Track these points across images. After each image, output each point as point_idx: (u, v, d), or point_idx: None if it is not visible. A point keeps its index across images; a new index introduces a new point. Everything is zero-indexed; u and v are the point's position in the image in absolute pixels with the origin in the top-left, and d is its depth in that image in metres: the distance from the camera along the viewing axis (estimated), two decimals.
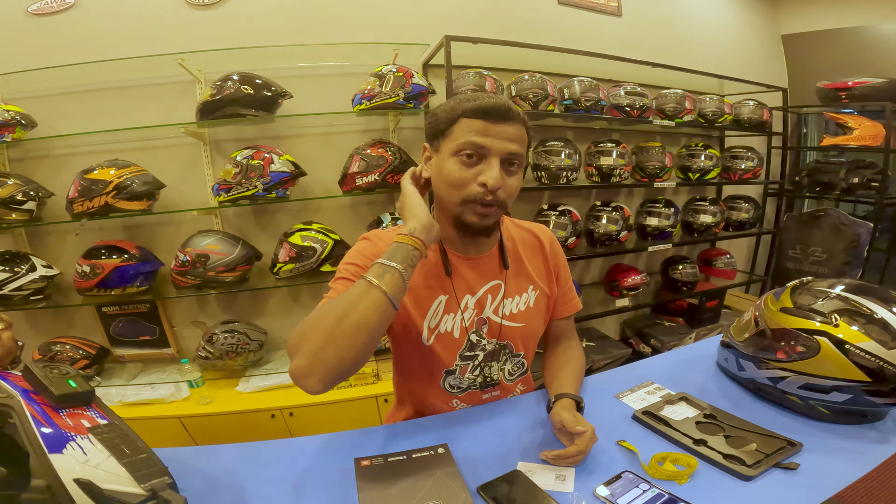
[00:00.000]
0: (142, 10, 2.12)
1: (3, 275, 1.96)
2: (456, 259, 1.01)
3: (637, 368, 1.18)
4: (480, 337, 1.02)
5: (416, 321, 0.98)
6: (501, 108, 0.85)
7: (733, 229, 3.01)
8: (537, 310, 1.08)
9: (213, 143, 2.24)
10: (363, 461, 0.79)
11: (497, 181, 0.85)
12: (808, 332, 0.90)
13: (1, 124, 1.93)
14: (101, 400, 0.71)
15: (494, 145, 0.85)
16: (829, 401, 0.88)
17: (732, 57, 3.20)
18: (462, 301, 1.00)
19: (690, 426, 0.89)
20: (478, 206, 0.88)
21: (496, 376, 1.06)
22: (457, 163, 0.87)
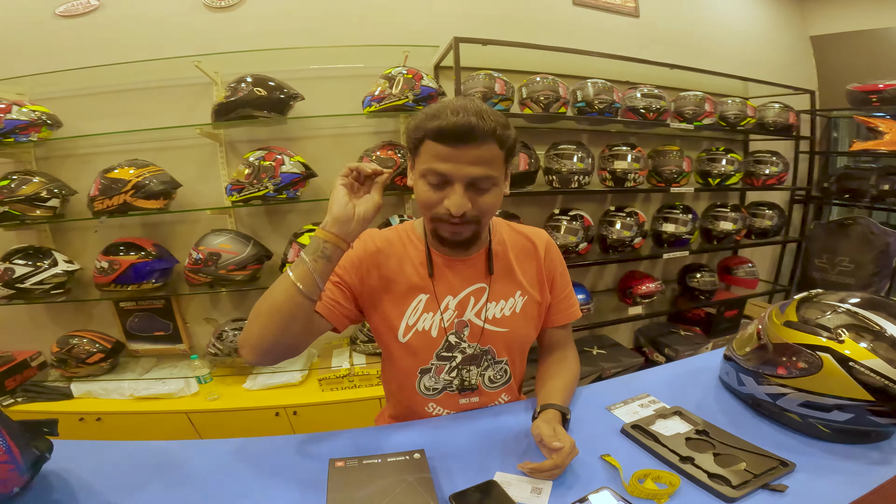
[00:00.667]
0: (161, 13, 2.18)
1: (26, 269, 2.03)
2: (440, 259, 1.02)
3: (634, 380, 1.15)
4: (460, 339, 1.01)
5: (394, 318, 0.99)
6: (463, 130, 0.80)
7: (756, 237, 2.91)
8: (524, 316, 1.05)
9: (229, 144, 2.29)
10: (338, 462, 0.79)
11: (459, 208, 0.84)
12: (811, 347, 0.87)
13: (28, 124, 2.00)
14: None
15: (457, 172, 0.83)
16: (829, 420, 0.84)
17: (758, 59, 3.09)
18: (443, 301, 1.00)
19: (680, 442, 0.85)
20: (447, 224, 0.89)
21: (475, 381, 1.04)
22: (424, 185, 0.88)
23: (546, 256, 1.09)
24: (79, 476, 0.82)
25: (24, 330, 2.33)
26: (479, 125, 0.80)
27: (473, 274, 1.02)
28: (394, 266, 1.01)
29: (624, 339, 2.97)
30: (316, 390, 2.07)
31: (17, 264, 2.03)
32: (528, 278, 1.06)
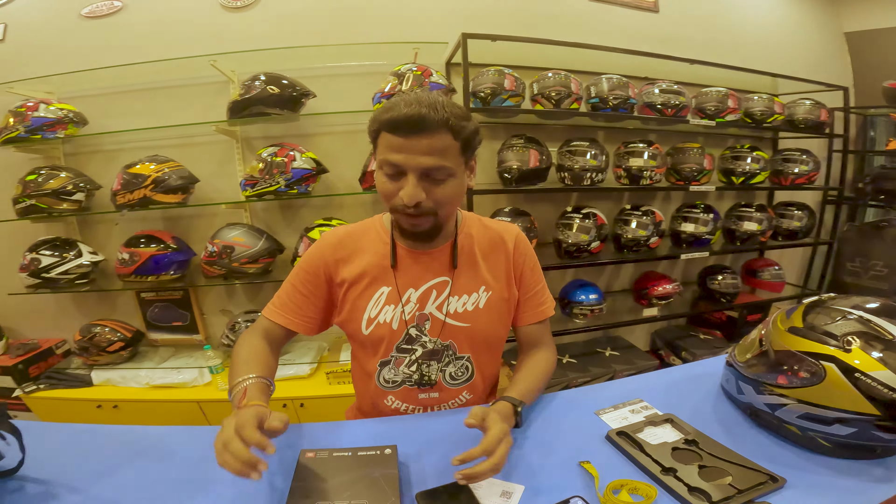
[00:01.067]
0: (180, 14, 2.24)
1: (52, 259, 2.13)
2: (404, 252, 1.02)
3: (630, 383, 1.11)
4: (421, 332, 1.01)
5: (358, 310, 1.01)
6: (414, 120, 0.80)
7: (783, 238, 2.78)
8: (488, 312, 1.03)
9: (244, 141, 2.33)
10: (308, 452, 0.80)
11: (412, 198, 0.84)
12: (814, 356, 0.81)
13: (55, 122, 2.09)
14: None
15: (409, 162, 0.83)
16: (830, 433, 0.79)
17: (788, 55, 2.96)
18: (404, 294, 1.00)
19: (665, 452, 0.82)
20: (405, 216, 0.89)
21: (434, 377, 1.03)
22: (381, 176, 0.89)
23: (515, 251, 1.07)
24: (59, 459, 0.85)
25: (50, 319, 2.43)
26: (430, 115, 0.81)
27: (437, 267, 1.02)
28: (356, 258, 1.02)
29: (640, 342, 2.90)
30: (323, 383, 2.10)
31: (44, 255, 2.12)
32: (494, 274, 1.05)
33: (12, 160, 2.26)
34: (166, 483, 0.79)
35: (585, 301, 2.36)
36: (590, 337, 2.76)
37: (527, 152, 2.12)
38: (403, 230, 0.95)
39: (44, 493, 0.77)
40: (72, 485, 0.79)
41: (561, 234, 2.26)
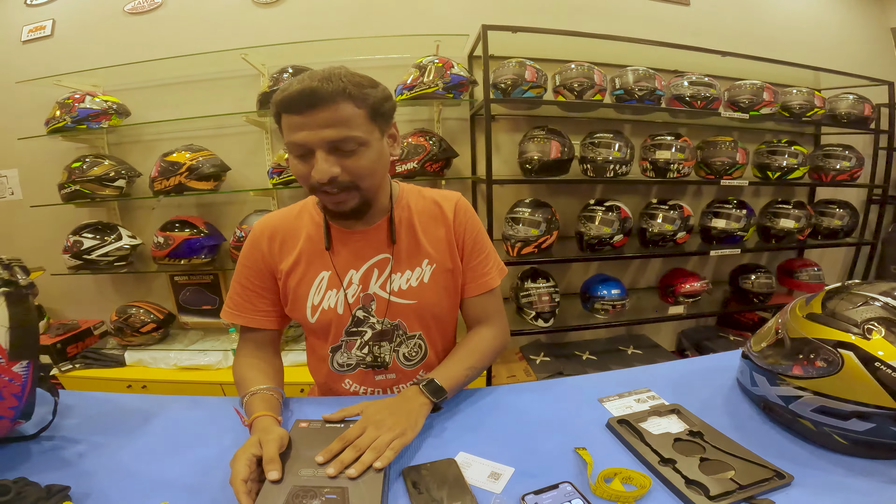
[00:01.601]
0: (214, 9, 2.35)
1: (94, 242, 2.25)
2: (339, 233, 0.98)
3: (639, 373, 1.08)
4: (368, 314, 0.99)
5: (300, 299, 0.98)
6: (307, 94, 0.77)
7: (823, 237, 2.65)
8: (433, 286, 1.00)
9: (273, 131, 2.41)
10: (302, 423, 0.80)
11: (323, 174, 0.81)
12: (832, 343, 0.76)
13: (100, 113, 2.21)
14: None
15: (311, 138, 0.80)
16: (846, 429, 0.73)
17: (831, 49, 2.82)
18: (346, 277, 0.97)
19: (666, 442, 0.78)
20: (326, 196, 0.86)
21: (388, 358, 1.00)
22: (293, 159, 0.85)
23: (455, 219, 1.02)
24: (71, 419, 0.91)
25: (89, 300, 2.58)
26: (322, 87, 0.77)
27: (376, 244, 0.98)
28: (291, 244, 0.99)
29: (665, 341, 2.82)
30: None
31: (86, 237, 2.25)
32: (435, 245, 1.01)
33: (59, 148, 2.41)
34: (161, 445, 0.83)
35: (607, 296, 2.31)
36: (612, 334, 2.70)
37: (548, 143, 2.09)
38: (331, 212, 0.91)
39: (70, 453, 0.81)
40: (93, 443, 0.84)
41: (583, 226, 2.23)
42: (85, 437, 0.85)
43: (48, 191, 2.32)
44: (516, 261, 2.16)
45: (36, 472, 0.73)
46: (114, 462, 0.78)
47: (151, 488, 0.71)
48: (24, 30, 2.43)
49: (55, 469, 0.76)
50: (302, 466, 0.69)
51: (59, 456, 0.79)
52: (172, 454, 0.80)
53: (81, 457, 0.79)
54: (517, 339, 2.60)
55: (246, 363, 0.98)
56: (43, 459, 0.78)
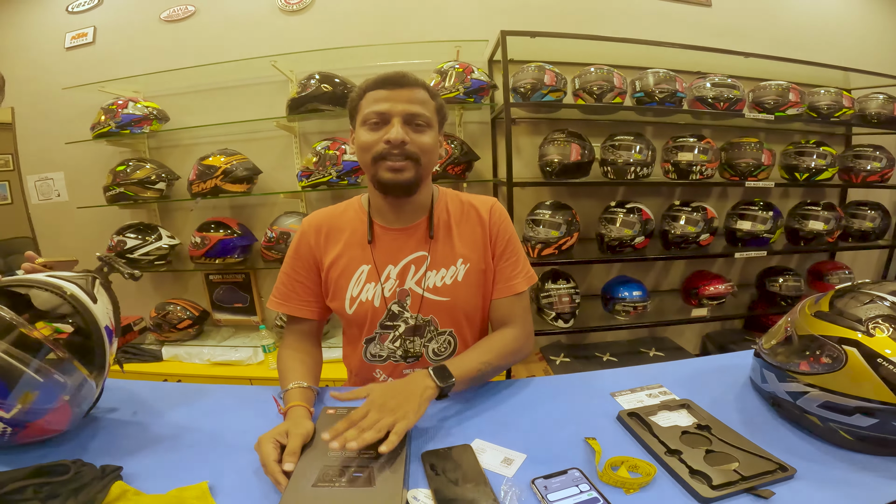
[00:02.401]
0: (245, 16, 2.46)
1: (136, 241, 2.39)
2: (381, 230, 1.05)
3: (652, 370, 1.10)
4: (403, 308, 1.04)
5: (340, 290, 1.04)
6: (396, 76, 0.95)
7: (854, 240, 2.59)
8: (467, 284, 1.05)
9: (302, 136, 2.51)
10: (329, 409, 0.87)
11: (398, 135, 0.91)
12: (836, 339, 0.78)
13: (141, 118, 2.35)
14: None
15: (393, 108, 0.93)
16: (851, 424, 0.75)
17: (860, 49, 2.75)
18: (384, 271, 1.03)
19: (674, 435, 0.81)
20: (387, 161, 0.93)
21: (419, 351, 1.06)
22: (366, 130, 0.95)
23: (490, 221, 1.08)
24: (120, 405, 0.99)
25: (130, 297, 2.71)
26: (409, 74, 0.96)
27: (414, 241, 1.05)
28: (336, 238, 1.06)
29: (689, 344, 2.79)
30: None
31: (129, 237, 2.39)
32: (471, 246, 1.06)
33: (102, 152, 2.56)
34: (203, 430, 0.90)
35: (628, 298, 2.31)
36: (633, 336, 2.70)
37: (568, 146, 2.12)
38: (384, 185, 0.96)
39: (120, 436, 0.89)
40: (140, 427, 0.93)
41: (603, 228, 2.24)
42: (133, 421, 0.93)
43: (92, 192, 2.47)
44: (537, 262, 2.19)
45: (90, 453, 0.80)
46: (159, 444, 0.84)
47: (193, 469, 0.77)
48: (67, 37, 2.58)
49: (107, 451, 0.82)
50: (330, 449, 0.75)
51: (110, 439, 0.86)
52: (211, 437, 0.87)
53: (130, 440, 0.86)
54: (537, 340, 2.63)
55: (290, 355, 1.04)
56: (95, 442, 0.85)
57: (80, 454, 0.78)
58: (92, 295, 0.80)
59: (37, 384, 0.71)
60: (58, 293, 0.76)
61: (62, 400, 0.75)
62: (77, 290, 0.78)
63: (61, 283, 0.77)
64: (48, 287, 0.76)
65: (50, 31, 2.60)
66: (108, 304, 0.84)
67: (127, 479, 0.73)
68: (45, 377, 0.71)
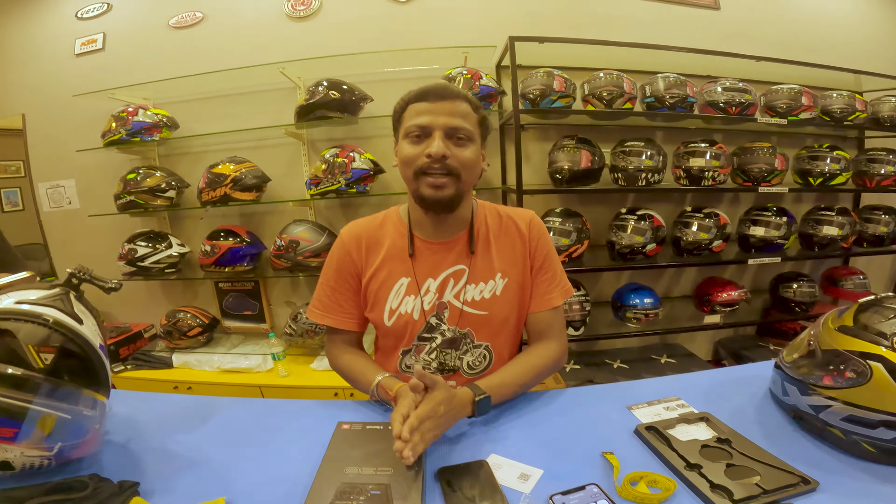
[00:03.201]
0: (252, 23, 2.47)
1: (146, 250, 2.40)
2: (421, 243, 1.05)
3: (669, 382, 1.09)
4: (440, 321, 1.04)
5: (379, 302, 1.05)
6: (438, 89, 0.95)
7: (868, 245, 2.55)
8: (505, 299, 1.05)
9: (310, 143, 2.51)
10: (344, 425, 0.87)
11: (439, 149, 0.91)
12: (861, 355, 0.78)
13: (151, 126, 2.36)
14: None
15: (435, 121, 0.93)
16: (874, 437, 0.75)
17: (872, 51, 2.72)
18: (423, 284, 1.03)
19: (693, 449, 0.80)
20: (428, 177, 0.94)
21: (454, 364, 1.06)
22: (408, 143, 0.96)
23: (530, 235, 1.08)
24: (135, 420, 0.98)
25: (141, 304, 2.73)
26: (451, 86, 0.98)
27: (454, 255, 1.05)
28: (376, 250, 1.06)
29: (701, 350, 2.76)
30: None
31: (140, 246, 2.40)
32: (510, 260, 1.06)
33: (114, 160, 2.58)
34: (218, 445, 0.89)
35: (639, 305, 2.29)
36: (644, 342, 2.67)
37: (578, 153, 2.11)
38: (425, 200, 0.96)
39: (136, 452, 0.89)
40: (156, 442, 0.92)
41: (614, 235, 2.22)
42: (148, 437, 0.92)
43: (103, 200, 2.48)
44: None
45: (107, 469, 0.79)
46: (176, 460, 0.84)
47: (210, 484, 0.77)
48: (76, 43, 2.60)
49: (123, 466, 0.82)
50: (346, 465, 0.75)
51: (126, 455, 0.86)
52: (228, 453, 0.86)
53: (146, 455, 0.86)
54: None
55: (352, 357, 1.08)
56: (112, 458, 0.85)
57: (97, 469, 0.78)
58: (75, 315, 0.76)
59: (63, 421, 0.70)
60: (41, 323, 0.71)
61: (94, 429, 0.76)
62: (58, 314, 0.73)
63: (40, 311, 0.72)
64: (28, 318, 0.70)
65: (60, 37, 2.62)
66: (93, 320, 0.81)
67: (144, 495, 0.72)
68: (73, 413, 0.71)
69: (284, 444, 0.87)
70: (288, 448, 0.86)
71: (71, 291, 0.81)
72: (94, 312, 0.84)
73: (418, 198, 0.98)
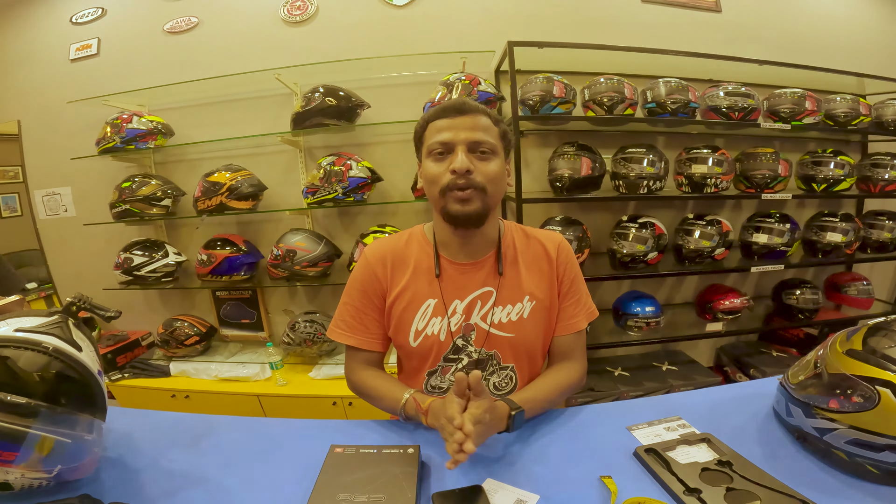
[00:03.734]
0: (248, 28, 2.44)
1: (143, 259, 2.38)
2: (447, 263, 1.04)
3: (670, 400, 1.06)
4: (467, 342, 1.03)
5: (405, 323, 1.03)
6: (457, 104, 0.95)
7: (872, 251, 2.51)
8: (532, 321, 1.03)
9: (307, 150, 2.49)
10: (337, 448, 0.85)
11: (463, 164, 0.91)
12: (869, 380, 0.76)
13: (146, 133, 2.33)
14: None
15: (457, 137, 0.93)
16: (878, 460, 0.74)
17: (876, 54, 2.69)
18: (450, 306, 1.02)
19: (693, 472, 0.78)
20: (455, 192, 0.92)
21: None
22: (432, 161, 0.96)
23: (558, 259, 1.07)
24: (130, 438, 0.96)
25: (138, 313, 2.72)
26: (470, 102, 0.96)
27: (481, 277, 1.03)
28: (402, 270, 1.05)
29: (703, 357, 2.73)
30: None
31: (136, 255, 2.38)
32: (537, 283, 1.05)
33: (109, 168, 2.56)
34: (210, 467, 0.87)
35: (641, 313, 2.26)
36: (646, 350, 2.64)
37: (578, 160, 2.08)
38: (452, 217, 0.95)
39: (128, 471, 0.87)
40: (148, 461, 0.89)
41: (615, 244, 2.19)
42: (140, 457, 0.90)
43: (99, 208, 2.46)
44: None
45: (97, 489, 0.79)
46: (169, 480, 0.83)
47: None
48: (71, 48, 2.58)
49: (114, 487, 0.80)
50: (339, 492, 0.74)
51: (118, 474, 0.85)
52: (221, 473, 0.85)
53: (138, 475, 0.84)
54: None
55: (376, 375, 1.07)
56: (103, 477, 0.83)
57: (89, 489, 0.77)
58: (74, 343, 0.76)
59: (64, 444, 0.70)
60: (41, 350, 0.71)
61: (93, 452, 0.76)
62: (58, 342, 0.74)
63: (40, 339, 0.73)
64: (28, 346, 0.71)
65: (55, 42, 2.60)
66: (91, 346, 0.81)
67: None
68: (73, 438, 0.71)
69: (277, 468, 0.85)
70: (281, 472, 0.84)
71: (70, 318, 0.82)
72: (91, 338, 0.84)
73: (445, 215, 0.97)
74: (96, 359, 0.81)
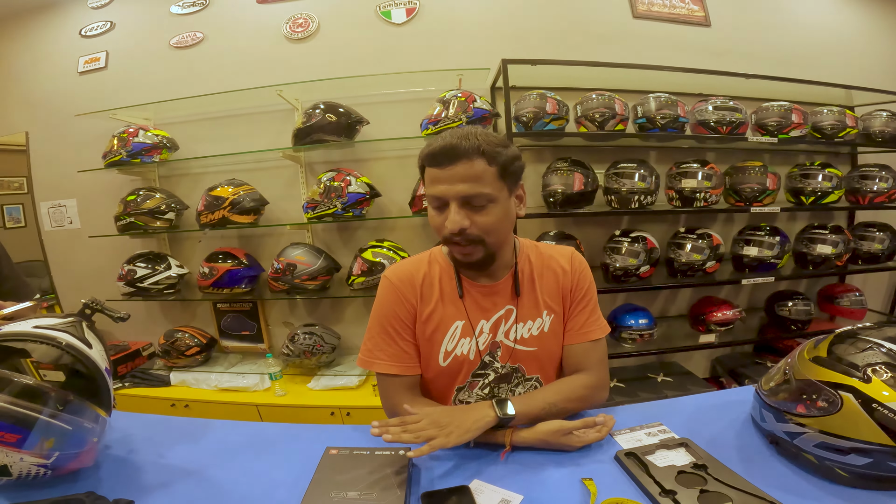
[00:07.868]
0: (251, 44, 2.53)
1: (146, 271, 2.43)
2: (469, 284, 1.06)
3: (653, 407, 1.10)
4: (493, 359, 1.06)
5: (434, 345, 1.05)
6: (446, 150, 0.89)
7: (863, 262, 2.55)
8: (553, 333, 1.08)
9: (308, 166, 2.55)
10: (332, 450, 0.89)
11: (454, 224, 0.91)
12: (833, 385, 0.80)
13: (151, 147, 2.39)
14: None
15: (448, 192, 0.90)
16: (846, 463, 0.77)
17: (862, 66, 2.76)
18: (477, 326, 1.05)
19: (670, 475, 0.82)
20: (456, 246, 0.95)
21: (505, 396, 1.07)
22: (431, 210, 0.97)
23: (572, 269, 1.10)
24: (131, 439, 1.00)
25: (140, 324, 2.75)
26: (460, 144, 0.88)
27: (503, 297, 1.06)
28: (428, 293, 1.06)
29: (698, 368, 2.75)
30: (370, 394, 2.21)
31: (139, 267, 2.44)
32: (553, 297, 1.08)
33: (114, 181, 2.62)
34: (209, 468, 0.91)
35: (634, 326, 2.30)
36: (641, 361, 2.67)
37: (571, 175, 2.13)
38: (458, 261, 1.00)
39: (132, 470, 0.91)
40: (151, 461, 0.93)
41: (608, 258, 2.24)
42: (145, 455, 0.95)
43: (103, 220, 2.52)
44: None
45: (102, 487, 0.82)
46: (170, 479, 0.87)
47: None
48: (80, 61, 2.65)
49: (119, 484, 0.85)
50: (332, 489, 0.78)
51: (122, 472, 0.89)
52: (222, 475, 0.89)
53: (142, 474, 0.88)
54: None
55: (426, 404, 1.04)
56: (108, 476, 0.88)
57: (94, 487, 0.81)
58: (85, 340, 0.83)
59: (65, 431, 0.76)
60: (55, 345, 0.79)
61: (92, 442, 0.81)
62: (71, 338, 0.81)
63: (55, 335, 0.80)
64: (44, 340, 0.79)
65: (64, 55, 2.67)
66: (101, 346, 0.88)
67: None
68: (74, 425, 0.77)
69: (275, 468, 0.89)
70: (278, 472, 0.88)
71: (83, 321, 0.90)
72: (103, 340, 0.90)
73: (453, 259, 1.01)
74: (105, 357, 0.86)
